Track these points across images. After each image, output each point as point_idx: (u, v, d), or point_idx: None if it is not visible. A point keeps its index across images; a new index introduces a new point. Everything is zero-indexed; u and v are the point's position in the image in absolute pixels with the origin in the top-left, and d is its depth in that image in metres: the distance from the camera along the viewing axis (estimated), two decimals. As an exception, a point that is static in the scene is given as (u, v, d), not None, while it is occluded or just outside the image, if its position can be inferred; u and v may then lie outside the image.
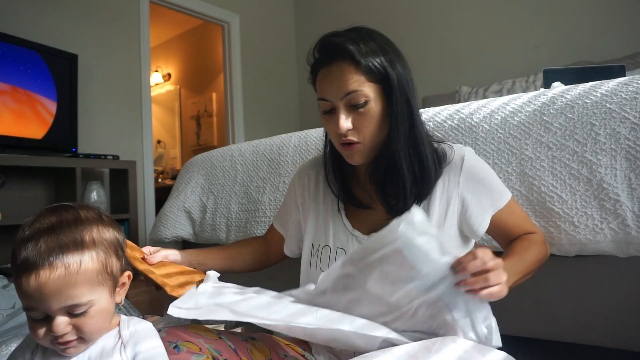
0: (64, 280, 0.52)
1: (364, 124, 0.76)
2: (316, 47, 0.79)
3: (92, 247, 0.55)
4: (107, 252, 0.57)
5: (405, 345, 0.61)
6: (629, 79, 0.94)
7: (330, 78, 0.76)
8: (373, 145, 0.80)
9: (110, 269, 0.57)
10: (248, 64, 3.86)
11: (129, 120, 3.00)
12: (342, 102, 0.76)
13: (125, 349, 0.59)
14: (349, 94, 0.75)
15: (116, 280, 0.59)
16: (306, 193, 0.96)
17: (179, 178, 1.85)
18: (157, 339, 0.63)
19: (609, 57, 2.55)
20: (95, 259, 0.55)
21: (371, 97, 0.75)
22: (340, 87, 0.75)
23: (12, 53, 2.28)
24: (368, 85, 0.75)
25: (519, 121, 1.02)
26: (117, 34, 2.97)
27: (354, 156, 0.80)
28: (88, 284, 0.54)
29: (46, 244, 0.53)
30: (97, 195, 2.56)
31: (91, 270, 0.55)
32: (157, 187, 3.23)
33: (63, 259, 0.53)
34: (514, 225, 0.84)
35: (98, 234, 0.57)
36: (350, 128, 0.76)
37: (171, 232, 1.70)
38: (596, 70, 1.35)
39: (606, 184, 0.87)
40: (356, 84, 0.74)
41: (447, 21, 3.32)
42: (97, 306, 0.56)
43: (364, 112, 0.76)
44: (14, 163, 2.16)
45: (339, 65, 0.75)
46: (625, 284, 0.92)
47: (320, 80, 0.79)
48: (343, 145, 0.80)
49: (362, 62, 0.74)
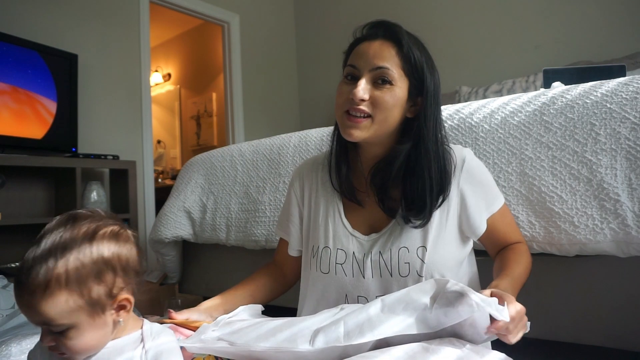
0: (33, 301, 0.52)
1: (379, 102, 0.77)
2: (369, 24, 0.83)
3: (61, 283, 0.53)
4: (83, 282, 0.54)
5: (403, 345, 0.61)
6: (629, 79, 0.94)
7: (369, 49, 0.79)
8: (380, 130, 0.79)
9: (89, 296, 0.54)
10: (248, 64, 3.86)
11: (129, 121, 3.00)
12: (369, 74, 0.78)
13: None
14: (379, 68, 0.77)
15: (101, 303, 0.56)
16: (305, 193, 0.95)
17: (179, 178, 1.85)
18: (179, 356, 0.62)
19: (609, 57, 2.55)
20: (65, 292, 0.53)
21: (397, 83, 0.78)
22: (376, 58, 0.78)
23: (12, 53, 2.27)
24: (399, 72, 0.78)
25: (519, 121, 1.02)
26: (117, 34, 2.96)
27: (354, 130, 0.79)
28: (58, 310, 0.53)
29: (31, 260, 0.53)
30: (97, 195, 2.56)
31: (60, 301, 0.53)
32: (157, 187, 3.23)
33: (34, 282, 0.52)
34: (504, 231, 0.85)
35: (80, 260, 0.54)
36: (365, 99, 0.77)
37: (171, 232, 1.70)
38: (596, 70, 1.35)
39: (606, 184, 0.87)
40: (391, 63, 0.78)
41: (447, 21, 3.32)
42: (77, 329, 0.54)
43: (384, 91, 0.78)
44: (14, 163, 2.16)
45: (382, 43, 0.79)
46: (625, 284, 0.92)
47: (356, 51, 0.82)
48: (349, 116, 0.79)
49: (405, 49, 0.78)
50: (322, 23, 4.12)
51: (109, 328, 0.58)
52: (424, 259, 0.77)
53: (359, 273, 0.81)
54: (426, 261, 0.77)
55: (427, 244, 0.78)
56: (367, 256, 0.81)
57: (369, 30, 0.82)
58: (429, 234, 0.79)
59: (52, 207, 2.52)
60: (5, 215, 2.19)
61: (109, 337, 0.58)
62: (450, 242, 0.81)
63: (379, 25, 0.81)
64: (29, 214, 2.40)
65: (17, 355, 0.97)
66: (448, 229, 0.80)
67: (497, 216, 0.84)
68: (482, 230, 0.82)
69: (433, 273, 0.77)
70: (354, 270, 0.82)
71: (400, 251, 0.79)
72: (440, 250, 0.79)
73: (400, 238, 0.79)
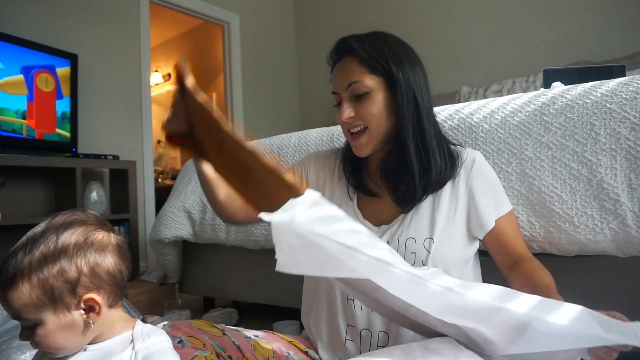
0: (3, 293, 0.55)
1: (364, 112, 0.81)
2: (330, 51, 0.86)
3: (24, 277, 0.55)
4: (45, 277, 0.54)
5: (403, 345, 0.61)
6: (629, 79, 0.94)
7: (338, 72, 0.84)
8: (379, 135, 0.82)
9: (51, 292, 0.55)
10: (248, 64, 3.86)
11: (129, 120, 3.00)
12: (346, 93, 0.82)
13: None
14: (351, 84, 0.81)
15: (64, 301, 0.56)
16: (320, 177, 0.96)
17: (179, 178, 1.85)
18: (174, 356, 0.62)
19: (609, 57, 2.55)
20: (27, 286, 0.54)
21: (373, 88, 0.80)
22: (344, 78, 0.82)
23: (12, 53, 2.28)
24: (370, 78, 0.80)
25: (519, 121, 1.02)
26: (117, 34, 2.96)
27: (360, 146, 0.83)
28: (22, 303, 0.55)
29: (8, 254, 0.56)
30: (97, 196, 2.56)
31: (24, 295, 0.54)
32: (157, 187, 3.23)
33: (4, 275, 0.55)
34: (512, 237, 0.85)
35: (44, 255, 0.55)
36: (351, 116, 0.81)
37: (171, 232, 1.70)
38: (596, 70, 1.35)
39: (606, 184, 0.87)
40: (357, 75, 0.80)
41: (447, 21, 3.32)
42: (44, 326, 0.55)
43: (366, 101, 0.81)
44: (14, 163, 2.16)
45: (344, 60, 0.83)
46: (625, 284, 0.92)
47: (332, 79, 0.86)
48: (351, 136, 0.84)
49: (364, 56, 0.80)
50: (322, 23, 4.12)
51: (78, 329, 0.57)
52: (429, 250, 0.78)
53: None
54: (432, 252, 0.78)
55: (434, 235, 0.79)
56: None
57: (333, 56, 0.86)
58: (436, 225, 0.80)
59: (52, 207, 2.52)
60: (5, 215, 2.19)
61: (79, 338, 0.58)
62: (457, 238, 0.81)
63: (336, 47, 0.85)
64: (29, 214, 2.40)
65: (17, 355, 0.97)
66: (456, 224, 0.81)
67: (505, 220, 0.84)
68: (490, 226, 0.82)
69: (437, 265, 0.78)
70: None
71: (408, 242, 0.80)
72: (447, 242, 0.80)
73: (409, 229, 0.81)
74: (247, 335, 0.81)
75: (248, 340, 0.80)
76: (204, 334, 0.74)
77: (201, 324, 0.77)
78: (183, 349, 0.68)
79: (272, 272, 1.22)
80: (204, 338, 0.73)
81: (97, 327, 0.59)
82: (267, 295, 1.56)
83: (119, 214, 2.61)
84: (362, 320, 0.79)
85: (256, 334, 0.83)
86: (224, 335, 0.77)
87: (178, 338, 0.70)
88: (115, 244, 0.61)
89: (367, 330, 0.79)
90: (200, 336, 0.73)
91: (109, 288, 0.59)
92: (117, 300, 0.61)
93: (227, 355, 0.72)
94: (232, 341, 0.76)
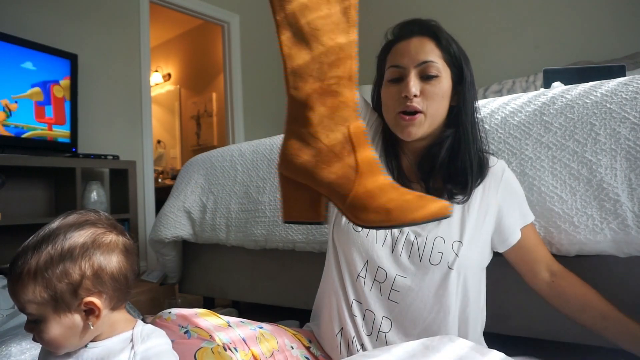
0: (11, 287, 0.58)
1: (430, 95, 0.80)
2: (401, 24, 0.85)
3: (30, 275, 0.57)
4: (49, 277, 0.56)
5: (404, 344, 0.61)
6: (629, 79, 0.94)
7: (409, 48, 0.82)
8: (433, 122, 0.82)
9: (53, 291, 0.56)
10: (248, 64, 3.86)
11: (129, 120, 3.00)
12: (415, 70, 0.81)
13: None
14: (425, 62, 0.80)
15: (65, 301, 0.57)
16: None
17: (179, 178, 1.85)
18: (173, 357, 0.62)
19: (609, 57, 2.55)
20: (32, 284, 0.57)
21: (443, 74, 0.81)
22: (419, 54, 0.80)
23: (12, 53, 2.27)
24: (442, 63, 0.81)
25: (519, 121, 1.02)
26: (117, 33, 2.96)
27: (412, 127, 0.81)
28: (26, 299, 0.56)
29: (19, 251, 0.58)
30: (97, 195, 2.56)
31: (29, 291, 0.56)
32: (157, 187, 3.23)
33: (14, 271, 0.57)
34: (535, 246, 0.86)
35: (50, 255, 0.57)
36: (418, 94, 0.80)
37: (171, 232, 1.70)
38: (596, 70, 1.35)
39: (606, 184, 0.87)
40: (434, 56, 0.81)
41: (447, 21, 3.30)
42: (45, 322, 0.57)
43: (433, 84, 0.80)
44: (14, 163, 2.16)
45: (420, 39, 0.82)
46: (625, 284, 0.92)
47: (395, 52, 0.84)
48: (403, 115, 0.81)
49: (443, 42, 0.81)
50: (322, 23, 4.12)
51: (78, 329, 0.58)
52: (458, 253, 0.78)
53: (389, 245, 0.81)
54: (460, 255, 0.78)
55: (463, 239, 0.79)
56: (402, 233, 0.82)
57: (403, 30, 0.84)
58: (465, 230, 0.80)
59: (52, 207, 2.52)
60: (5, 215, 2.19)
61: (79, 338, 0.58)
62: (481, 246, 0.82)
63: (412, 23, 0.84)
64: (29, 214, 2.40)
65: (17, 355, 0.97)
66: (482, 232, 0.82)
67: (529, 230, 0.86)
68: (515, 238, 0.83)
69: (461, 270, 0.78)
70: (386, 241, 0.82)
71: (436, 240, 0.79)
72: (474, 249, 0.80)
73: (439, 228, 0.80)
74: (252, 327, 0.81)
75: (253, 332, 0.80)
76: (210, 325, 0.73)
77: (207, 315, 0.77)
78: (190, 340, 0.68)
79: (272, 272, 1.22)
80: (209, 329, 0.72)
81: (97, 329, 0.59)
82: (267, 295, 1.56)
83: (119, 214, 2.61)
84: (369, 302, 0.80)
85: (261, 326, 0.83)
86: (229, 327, 0.77)
87: (184, 328, 0.70)
88: (122, 248, 0.61)
89: (371, 312, 0.80)
90: (206, 327, 0.72)
91: (112, 292, 0.59)
92: (120, 304, 0.61)
93: (232, 347, 0.72)
94: (238, 333, 0.76)
